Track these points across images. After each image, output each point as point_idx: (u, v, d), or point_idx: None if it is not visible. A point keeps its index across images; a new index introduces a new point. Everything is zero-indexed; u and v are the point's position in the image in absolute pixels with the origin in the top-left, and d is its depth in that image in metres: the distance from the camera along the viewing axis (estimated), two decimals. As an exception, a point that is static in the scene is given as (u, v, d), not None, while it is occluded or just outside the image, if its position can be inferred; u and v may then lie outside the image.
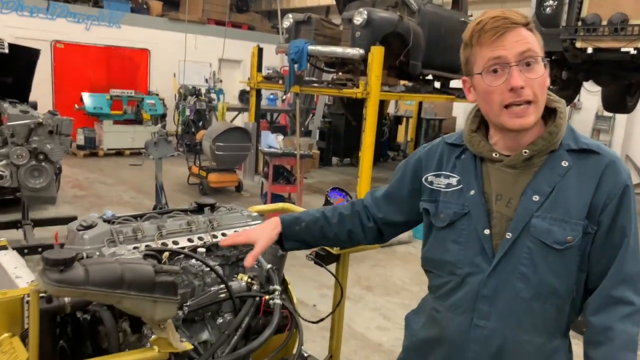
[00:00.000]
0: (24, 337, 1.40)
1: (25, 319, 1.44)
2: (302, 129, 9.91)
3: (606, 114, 10.01)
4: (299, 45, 7.41)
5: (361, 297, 4.21)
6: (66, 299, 1.46)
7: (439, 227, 1.41)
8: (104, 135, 10.20)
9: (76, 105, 9.73)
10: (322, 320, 2.01)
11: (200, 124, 10.77)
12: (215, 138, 7.03)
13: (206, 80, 12.32)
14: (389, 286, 4.55)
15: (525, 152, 1.28)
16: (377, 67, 6.64)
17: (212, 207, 2.14)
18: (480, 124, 1.41)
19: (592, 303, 1.28)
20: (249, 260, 1.64)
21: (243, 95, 12.18)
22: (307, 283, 4.24)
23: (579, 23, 5.37)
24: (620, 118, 10.30)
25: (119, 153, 10.45)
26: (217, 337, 1.88)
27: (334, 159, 11.29)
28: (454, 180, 1.39)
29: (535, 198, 1.26)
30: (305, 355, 2.01)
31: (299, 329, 1.82)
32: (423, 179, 1.46)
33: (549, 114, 1.32)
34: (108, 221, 1.87)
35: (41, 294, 1.31)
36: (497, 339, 1.31)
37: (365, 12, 6.84)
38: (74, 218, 5.26)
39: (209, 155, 7.26)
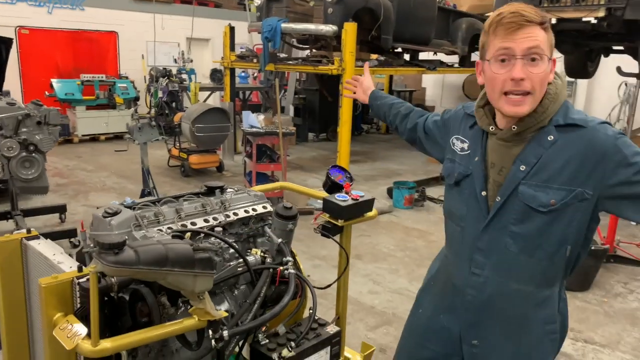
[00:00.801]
0: (77, 315, 1.56)
1: (75, 300, 1.59)
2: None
3: (569, 79, 10.41)
4: (272, 24, 7.46)
5: (352, 265, 4.41)
6: (113, 279, 1.63)
7: (450, 184, 1.66)
8: (78, 121, 10.06)
9: (46, 92, 9.55)
10: (329, 285, 2.23)
11: (174, 105, 10.72)
12: (194, 120, 7.08)
13: (175, 61, 12.18)
14: (376, 253, 4.82)
15: (514, 128, 1.47)
16: (350, 43, 6.76)
17: (222, 189, 2.30)
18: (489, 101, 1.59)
19: None
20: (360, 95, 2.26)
21: (215, 75, 12.11)
22: (299, 254, 4.44)
23: (544, -5, 5.60)
24: (582, 83, 10.72)
25: (94, 139, 10.34)
26: (235, 307, 2.08)
27: (310, 135, 11.43)
28: (465, 146, 1.62)
29: (522, 168, 1.46)
30: (316, 317, 2.22)
31: (313, 294, 2.02)
32: (450, 139, 1.70)
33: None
34: (129, 207, 2.02)
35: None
36: (490, 287, 1.54)
37: (337, -11, 6.91)
38: (63, 206, 5.36)
39: (189, 137, 7.31)
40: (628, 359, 3.28)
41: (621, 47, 6.97)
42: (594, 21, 5.36)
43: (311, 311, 2.07)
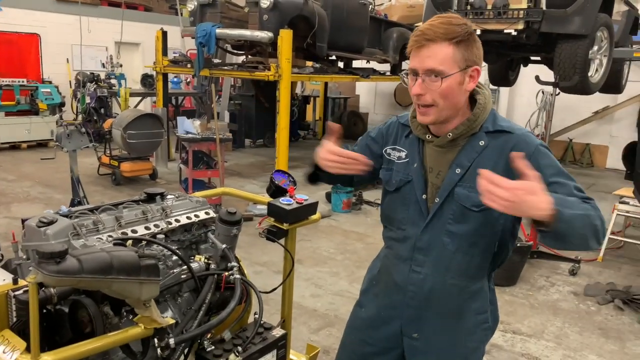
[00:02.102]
0: (13, 330, 1.48)
1: (11, 314, 1.51)
2: (211, 112, 9.85)
3: (491, 87, 11.03)
4: (206, 29, 7.37)
5: (294, 269, 4.47)
6: (52, 290, 1.56)
7: (390, 191, 1.73)
8: (-5, 128, 9.43)
9: (-41, 97, 8.90)
10: (275, 289, 2.24)
11: (102, 111, 10.30)
12: (126, 126, 6.85)
13: (103, 65, 11.72)
14: (316, 257, 4.87)
15: (449, 135, 1.59)
16: (287, 50, 6.82)
17: (162, 196, 2.26)
18: None
19: None
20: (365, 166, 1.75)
21: (146, 80, 11.75)
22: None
23: (468, 7, 5.93)
24: (504, 90, 11.39)
25: (15, 147, 9.72)
26: (178, 315, 2.05)
27: (247, 141, 11.36)
28: (403, 154, 1.71)
29: (458, 171, 1.58)
30: (262, 322, 2.23)
31: (259, 298, 2.03)
32: (384, 150, 1.77)
33: (475, 103, 1.61)
34: (65, 216, 1.94)
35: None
36: (429, 282, 1.65)
37: (272, -4, 6.94)
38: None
39: (120, 144, 7.06)
40: (552, 347, 3.53)
41: (538, 58, 7.49)
42: (514, 33, 5.73)
43: (256, 316, 2.08)
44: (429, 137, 1.63)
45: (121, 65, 11.52)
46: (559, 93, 5.81)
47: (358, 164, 1.62)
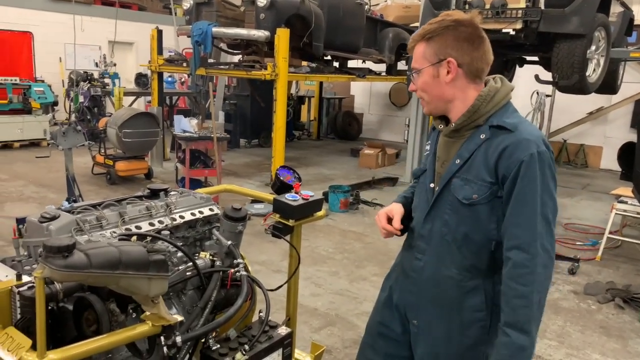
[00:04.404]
0: (17, 327, 1.44)
1: (15, 311, 1.47)
2: (206, 111, 9.80)
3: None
4: (202, 28, 7.31)
5: (291, 270, 4.44)
6: (58, 286, 1.52)
7: (416, 180, 1.81)
8: (-13, 127, 9.31)
9: (-50, 96, 8.77)
10: (281, 286, 2.21)
11: (96, 110, 10.20)
12: (121, 125, 6.78)
13: (96, 64, 11.62)
14: (315, 257, 4.84)
15: (452, 125, 1.62)
16: (283, 49, 6.78)
17: (166, 192, 2.22)
18: None
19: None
20: (396, 225, 1.77)
21: (140, 79, 11.66)
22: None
23: (467, 7, 5.92)
24: (499, 91, 11.40)
25: (7, 146, 9.60)
26: (183, 313, 2.01)
27: (242, 141, 11.31)
28: (429, 147, 1.77)
29: (457, 162, 1.59)
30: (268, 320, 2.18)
31: (266, 296, 1.99)
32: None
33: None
34: (68, 211, 1.89)
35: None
36: (428, 271, 1.67)
37: (269, -6, 6.91)
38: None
39: (116, 143, 6.99)
40: (555, 345, 3.52)
41: (535, 58, 7.51)
42: (512, 33, 5.73)
43: (262, 314, 2.04)
44: (440, 127, 1.68)
45: (115, 65, 11.43)
46: (553, 94, 5.82)
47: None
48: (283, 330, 2.14)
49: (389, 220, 1.77)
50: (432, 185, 1.67)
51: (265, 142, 10.85)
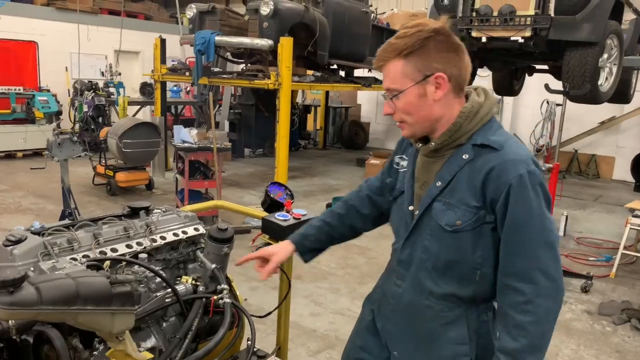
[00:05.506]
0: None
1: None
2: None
3: (495, 96, 10.87)
4: (205, 36, 7.23)
5: (292, 286, 4.26)
6: (10, 322, 1.37)
7: (391, 200, 1.64)
8: (-10, 136, 9.27)
9: (-47, 105, 8.74)
10: (269, 314, 2.05)
11: (100, 120, 10.15)
12: (121, 135, 6.68)
13: (102, 74, 11.60)
14: (316, 273, 4.66)
15: (432, 144, 1.46)
16: (287, 58, 6.67)
17: (147, 210, 2.07)
18: None
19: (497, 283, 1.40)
20: (264, 275, 1.78)
21: (145, 88, 11.63)
22: (235, 277, 4.20)
23: (474, 14, 5.77)
24: (508, 100, 11.23)
25: (10, 156, 9.56)
26: (163, 342, 1.86)
27: (247, 151, 11.20)
28: (405, 163, 1.60)
29: (438, 184, 1.44)
30: (255, 349, 2.03)
31: (251, 325, 1.84)
32: (393, 159, 1.66)
33: None
34: (37, 233, 1.75)
35: (-13, 319, 1.21)
36: (406, 298, 1.53)
37: (272, 3, 6.81)
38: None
39: (116, 153, 6.88)
40: (567, 371, 3.32)
41: (545, 67, 7.32)
42: (521, 40, 5.56)
43: (249, 342, 1.89)
44: (419, 145, 1.52)
45: (120, 74, 11.39)
46: (564, 103, 5.64)
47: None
48: (273, 361, 1.98)
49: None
50: (411, 208, 1.52)
51: (270, 152, 10.70)
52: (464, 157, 1.40)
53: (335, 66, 8.92)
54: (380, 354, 1.67)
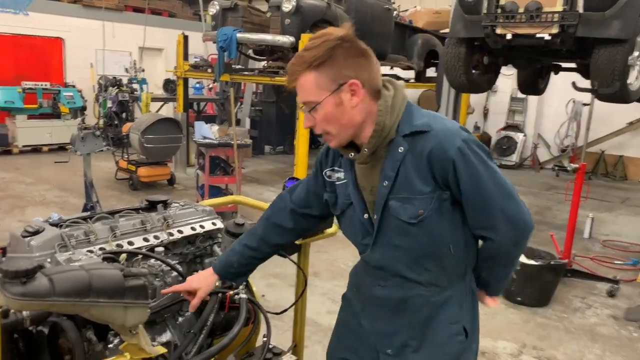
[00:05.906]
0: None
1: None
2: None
3: (520, 95, 10.65)
4: (227, 33, 7.25)
5: (309, 283, 4.22)
6: (25, 313, 1.37)
7: (337, 215, 1.62)
8: (18, 131, 9.47)
9: (-17, 100, 8.95)
10: (285, 311, 2.02)
11: (124, 115, 10.27)
12: (144, 130, 6.75)
13: (127, 70, 11.75)
14: (334, 270, 4.63)
15: (365, 150, 1.45)
16: (308, 55, 6.63)
17: (165, 204, 2.07)
18: None
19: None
20: (192, 307, 1.71)
21: (168, 85, 11.74)
22: (252, 273, 4.22)
23: (499, 10, 5.64)
24: (532, 99, 11.00)
25: (37, 150, 9.76)
26: (178, 337, 1.84)
27: (267, 147, 11.22)
28: (341, 175, 1.58)
29: (385, 183, 1.44)
30: (271, 346, 2.01)
31: (267, 321, 1.82)
32: (323, 173, 1.62)
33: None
34: (55, 225, 1.76)
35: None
36: (396, 295, 1.54)
37: (294, -1, 6.80)
38: (-6, 222, 4.90)
39: (138, 148, 6.96)
40: (591, 377, 3.22)
41: (572, 65, 7.14)
42: (547, 37, 5.42)
43: (265, 339, 1.87)
44: (352, 155, 1.50)
45: (143, 70, 11.52)
46: (592, 103, 5.49)
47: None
48: (288, 359, 1.96)
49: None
50: (366, 216, 1.51)
51: (290, 149, 10.72)
52: (399, 150, 1.42)
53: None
54: (368, 354, 1.66)
